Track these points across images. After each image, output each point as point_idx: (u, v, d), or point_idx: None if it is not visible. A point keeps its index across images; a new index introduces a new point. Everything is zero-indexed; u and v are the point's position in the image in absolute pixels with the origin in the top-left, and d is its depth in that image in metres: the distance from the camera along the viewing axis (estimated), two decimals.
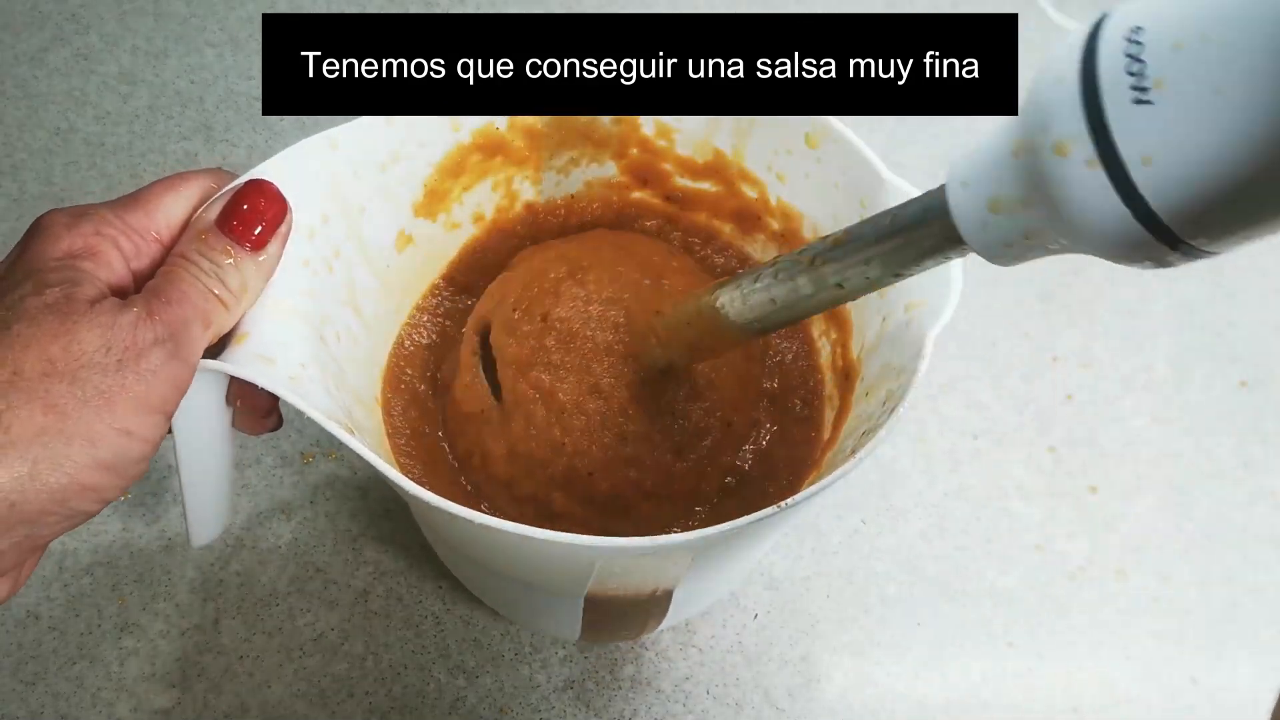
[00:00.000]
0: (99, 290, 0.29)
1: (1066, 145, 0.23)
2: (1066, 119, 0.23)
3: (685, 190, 0.45)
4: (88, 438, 0.27)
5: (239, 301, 0.32)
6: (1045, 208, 0.24)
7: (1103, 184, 0.22)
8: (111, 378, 0.28)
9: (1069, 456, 0.50)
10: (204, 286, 0.31)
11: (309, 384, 0.32)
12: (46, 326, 0.27)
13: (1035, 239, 0.26)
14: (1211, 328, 0.53)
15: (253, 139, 0.58)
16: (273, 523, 0.46)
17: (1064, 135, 0.23)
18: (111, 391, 0.28)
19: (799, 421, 0.41)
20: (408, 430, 0.40)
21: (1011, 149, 0.25)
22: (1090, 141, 0.22)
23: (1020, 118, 0.25)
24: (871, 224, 0.30)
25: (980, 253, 0.27)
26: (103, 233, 0.30)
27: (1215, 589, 0.46)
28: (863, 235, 0.30)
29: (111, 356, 0.28)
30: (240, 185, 0.33)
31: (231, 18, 0.63)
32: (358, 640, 0.43)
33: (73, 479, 0.27)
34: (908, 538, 0.47)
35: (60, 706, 0.41)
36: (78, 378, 0.27)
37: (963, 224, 0.27)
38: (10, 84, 0.59)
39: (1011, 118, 0.25)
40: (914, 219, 0.29)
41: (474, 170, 0.43)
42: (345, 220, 0.38)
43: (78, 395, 0.27)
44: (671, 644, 0.44)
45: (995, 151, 0.25)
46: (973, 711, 0.43)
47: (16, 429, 0.26)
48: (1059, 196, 0.23)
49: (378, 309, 0.41)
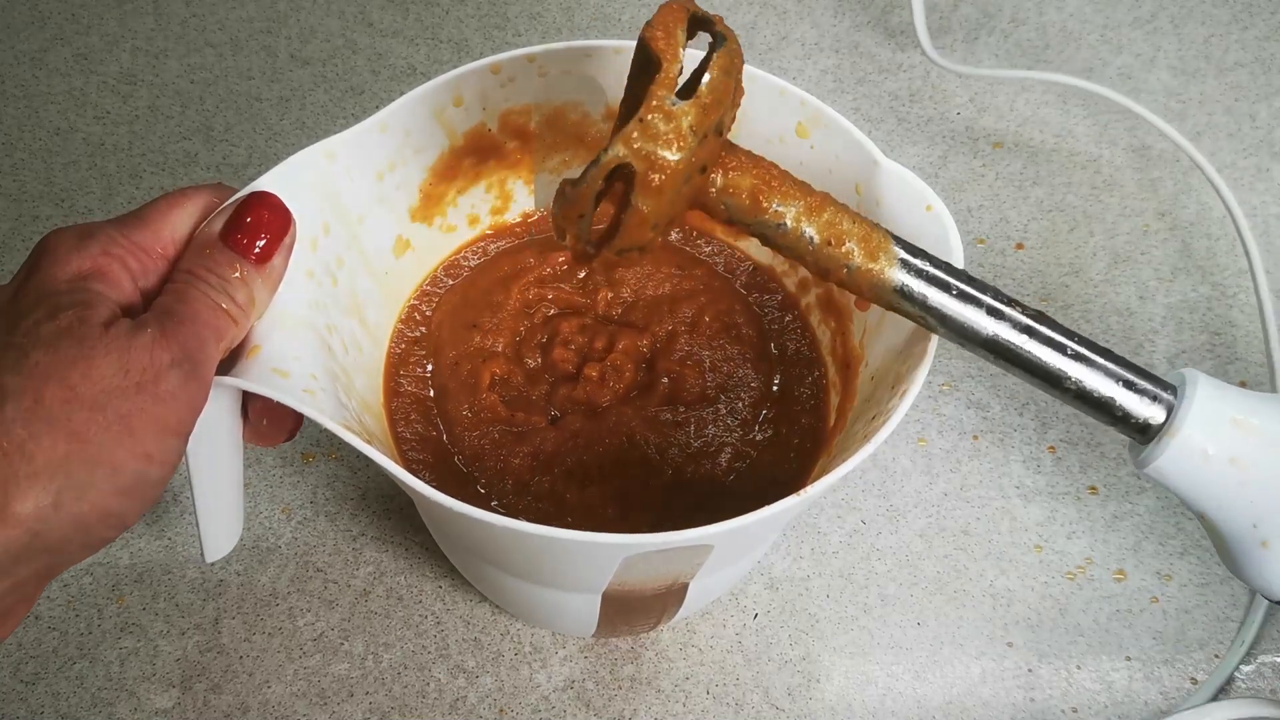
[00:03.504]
0: (111, 312, 0.29)
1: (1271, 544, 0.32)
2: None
3: None
4: (110, 464, 0.27)
5: (247, 316, 0.32)
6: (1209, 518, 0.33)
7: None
8: (131, 401, 0.27)
9: (1069, 456, 0.50)
10: (213, 302, 0.30)
11: (321, 395, 0.32)
12: (64, 353, 0.27)
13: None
14: (1211, 328, 0.53)
15: (253, 139, 0.58)
16: (273, 523, 0.46)
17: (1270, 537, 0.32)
18: (131, 416, 0.27)
19: (804, 410, 0.41)
20: (410, 434, 0.40)
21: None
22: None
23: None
24: (1102, 370, 0.33)
25: (1136, 461, 0.34)
26: (110, 252, 0.30)
27: (1215, 589, 0.46)
28: (1090, 360, 0.32)
29: (130, 379, 0.27)
30: (243, 198, 0.32)
31: (231, 18, 0.63)
32: (358, 640, 0.43)
33: (95, 506, 0.27)
34: (908, 538, 0.47)
35: (60, 706, 0.42)
36: (98, 404, 0.27)
37: (1159, 458, 0.32)
38: (10, 84, 0.59)
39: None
40: (1133, 415, 0.33)
41: (467, 174, 0.43)
42: (346, 229, 0.38)
43: (99, 421, 0.27)
44: (671, 644, 0.44)
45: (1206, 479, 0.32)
46: (973, 711, 0.43)
47: (41, 458, 0.26)
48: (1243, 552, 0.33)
49: (379, 315, 0.41)
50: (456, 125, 0.41)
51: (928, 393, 0.51)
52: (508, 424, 0.40)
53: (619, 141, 0.29)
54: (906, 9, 0.65)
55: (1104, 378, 0.32)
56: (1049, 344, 0.32)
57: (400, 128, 0.39)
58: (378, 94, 0.60)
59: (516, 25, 0.63)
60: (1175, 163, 0.59)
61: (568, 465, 0.39)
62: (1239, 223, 0.53)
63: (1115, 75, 0.63)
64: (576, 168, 0.45)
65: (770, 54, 0.63)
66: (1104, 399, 0.32)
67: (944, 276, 0.32)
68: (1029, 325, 0.32)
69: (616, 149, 0.29)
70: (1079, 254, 0.56)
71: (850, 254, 0.32)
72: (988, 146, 0.59)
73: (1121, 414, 0.32)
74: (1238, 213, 0.54)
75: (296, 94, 0.59)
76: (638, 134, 0.29)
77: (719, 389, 0.41)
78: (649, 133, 0.29)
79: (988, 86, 0.62)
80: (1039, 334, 0.32)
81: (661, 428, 0.40)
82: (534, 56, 0.40)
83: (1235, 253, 0.56)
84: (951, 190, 0.58)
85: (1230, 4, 0.66)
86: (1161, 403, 0.32)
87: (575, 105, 0.43)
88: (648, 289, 0.44)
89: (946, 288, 0.32)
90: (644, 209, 0.30)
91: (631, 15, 0.64)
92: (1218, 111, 0.61)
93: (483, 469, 0.39)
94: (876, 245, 0.32)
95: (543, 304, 0.43)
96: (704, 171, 0.31)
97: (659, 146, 0.29)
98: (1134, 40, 0.64)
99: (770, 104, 0.40)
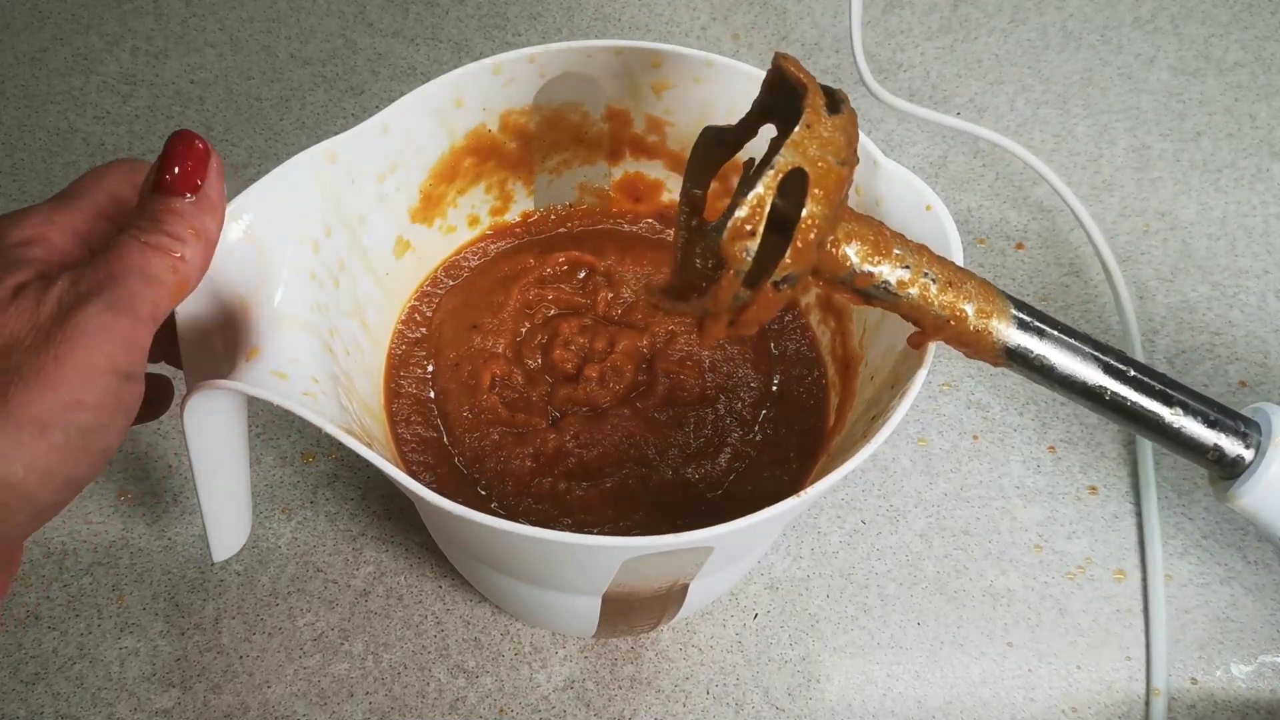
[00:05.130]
0: (34, 273, 0.28)
1: None
2: None
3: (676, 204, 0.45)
4: (35, 421, 0.26)
5: (191, 245, 0.30)
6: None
7: None
8: (43, 353, 0.26)
9: (1069, 456, 0.50)
10: (140, 243, 0.29)
11: (322, 398, 0.32)
12: None
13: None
14: (1211, 328, 0.53)
15: (253, 139, 0.58)
16: (273, 523, 0.46)
17: None
18: (45, 367, 0.26)
19: (804, 410, 0.41)
20: (410, 435, 0.40)
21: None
22: None
23: None
24: (1190, 409, 0.33)
25: (1219, 494, 0.35)
26: (53, 220, 0.29)
27: (1215, 589, 0.46)
28: (1186, 404, 0.33)
29: (41, 331, 0.26)
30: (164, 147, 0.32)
31: (231, 18, 0.63)
32: (358, 640, 0.43)
33: (31, 469, 0.26)
34: (907, 538, 0.47)
35: (60, 706, 0.42)
36: (8, 364, 0.26)
37: (1247, 495, 0.33)
38: (10, 84, 0.59)
39: None
40: (1212, 450, 0.34)
41: (467, 174, 0.43)
42: (347, 231, 0.38)
43: (14, 381, 0.25)
44: (671, 644, 0.44)
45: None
46: (973, 711, 0.43)
47: None
48: None
49: (380, 317, 0.41)
50: (457, 126, 0.41)
51: (928, 393, 0.51)
52: (508, 425, 0.40)
53: (788, 148, 0.29)
54: (907, 9, 0.65)
55: (1203, 425, 0.33)
56: (1153, 394, 0.33)
57: (401, 128, 0.39)
58: (378, 94, 0.60)
59: (516, 25, 0.63)
60: (1176, 163, 0.59)
61: (568, 466, 0.39)
62: (1093, 236, 0.54)
63: (1115, 75, 0.63)
64: (577, 167, 0.45)
65: (770, 54, 0.63)
66: (1205, 445, 0.33)
67: (1055, 333, 0.33)
68: (1136, 378, 0.33)
69: (787, 154, 0.29)
70: (1079, 254, 0.56)
71: (965, 313, 0.32)
72: (988, 146, 0.59)
73: (1216, 456, 0.33)
74: (1090, 226, 0.55)
75: (296, 94, 0.59)
76: (807, 140, 0.29)
77: (719, 389, 0.41)
78: (816, 138, 0.29)
79: (988, 86, 0.62)
80: (1146, 385, 0.33)
81: (661, 428, 0.40)
82: (534, 56, 0.40)
83: (1235, 252, 0.56)
84: (951, 190, 0.58)
85: (1230, 4, 0.66)
86: (1250, 441, 0.33)
87: (575, 106, 0.43)
88: None
89: (1059, 344, 0.33)
90: (817, 213, 0.29)
91: (631, 15, 0.64)
92: (1218, 111, 0.61)
93: (483, 470, 0.39)
94: (992, 303, 0.33)
95: (543, 304, 0.43)
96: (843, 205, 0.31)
97: (826, 152, 0.29)
98: (1134, 40, 0.64)
99: None
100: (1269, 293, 0.55)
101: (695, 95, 0.41)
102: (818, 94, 0.30)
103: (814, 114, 0.29)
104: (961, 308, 0.32)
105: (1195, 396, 0.34)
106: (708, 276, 0.33)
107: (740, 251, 0.29)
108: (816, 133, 0.29)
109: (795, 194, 0.29)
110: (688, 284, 0.34)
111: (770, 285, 0.30)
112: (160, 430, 0.48)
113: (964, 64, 0.63)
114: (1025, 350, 0.33)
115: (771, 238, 0.29)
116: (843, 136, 0.30)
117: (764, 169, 0.29)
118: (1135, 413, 0.33)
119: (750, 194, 0.28)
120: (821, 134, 0.29)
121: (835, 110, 0.30)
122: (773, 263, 0.29)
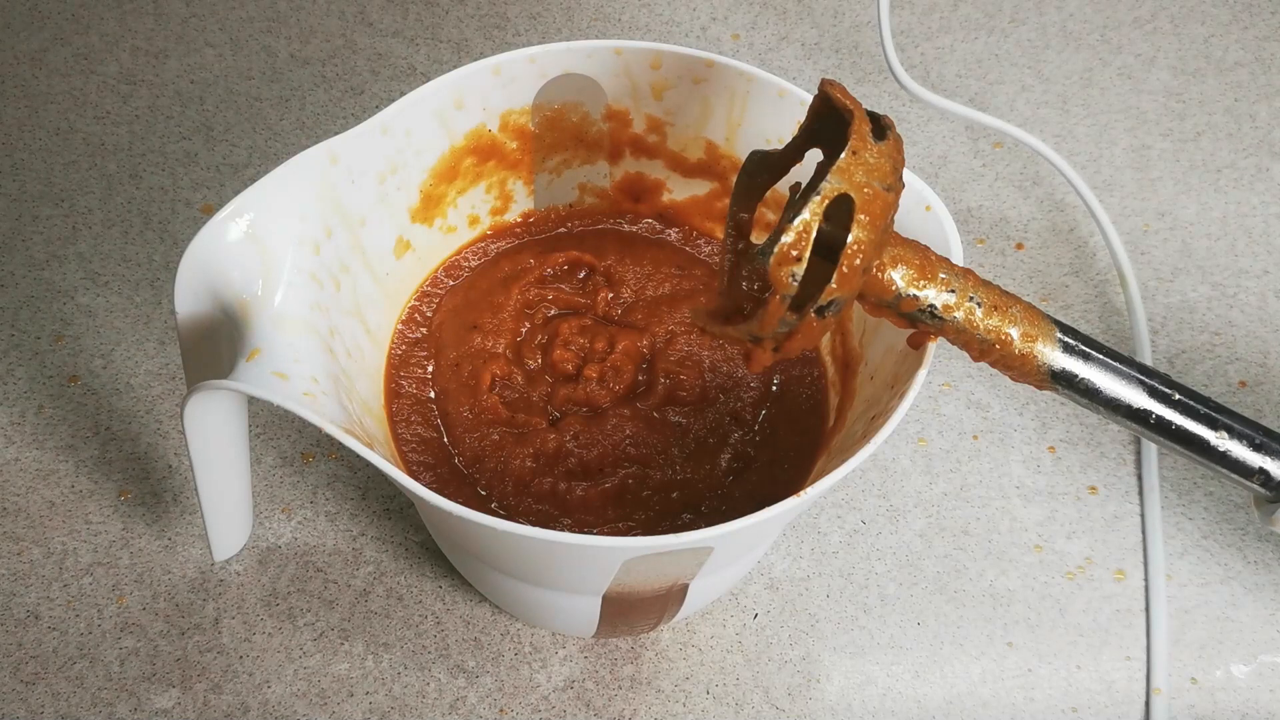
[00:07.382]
0: None
1: None
2: None
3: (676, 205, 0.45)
4: None
5: None
6: None
7: None
8: None
9: (1069, 456, 0.50)
10: None
11: (323, 398, 0.32)
12: None
13: None
14: (1211, 328, 0.53)
15: (253, 139, 0.58)
16: (273, 523, 0.46)
17: None
18: None
19: (804, 410, 0.41)
20: (410, 435, 0.40)
21: None
22: None
23: None
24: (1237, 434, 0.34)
25: (1265, 517, 0.35)
26: None
27: (1215, 589, 0.46)
28: (1231, 428, 0.34)
29: None
30: None
31: (231, 18, 0.63)
32: (358, 640, 0.43)
33: None
34: (908, 538, 0.47)
35: (60, 706, 0.42)
36: None
37: None
38: (10, 84, 0.59)
39: None
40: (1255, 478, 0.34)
41: (467, 174, 0.43)
42: (348, 232, 0.38)
43: None
44: (671, 644, 0.44)
45: None
46: (972, 711, 0.43)
47: None
48: None
49: (380, 317, 0.41)
50: (457, 126, 0.41)
51: (928, 393, 0.51)
52: (508, 425, 0.40)
53: (834, 174, 0.29)
54: (907, 9, 0.65)
55: (1248, 448, 0.33)
56: (1199, 418, 0.33)
57: (401, 129, 0.39)
58: (378, 94, 0.60)
59: (516, 25, 0.63)
60: (1176, 163, 0.59)
61: (568, 466, 0.39)
62: (1105, 229, 0.54)
63: (1115, 75, 0.63)
64: (577, 167, 0.45)
65: (770, 54, 0.63)
66: (1251, 468, 0.34)
67: (1100, 356, 0.33)
68: (1181, 401, 0.33)
69: (833, 181, 0.29)
70: (1079, 254, 0.56)
71: (1010, 337, 0.32)
72: (988, 146, 0.59)
73: (1263, 479, 0.34)
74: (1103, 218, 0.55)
75: (296, 94, 0.59)
76: (853, 166, 0.29)
77: (719, 389, 0.41)
78: (862, 164, 0.29)
79: (988, 86, 0.62)
80: (1191, 409, 0.33)
81: (661, 428, 0.40)
82: (534, 57, 0.40)
83: (1235, 252, 0.56)
84: (951, 190, 0.58)
85: (1230, 4, 0.66)
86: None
87: (575, 106, 0.43)
88: (647, 289, 0.44)
89: (1104, 367, 0.33)
90: (863, 239, 0.29)
91: (632, 15, 0.64)
92: (1218, 111, 0.61)
93: (483, 470, 0.39)
94: (1037, 326, 0.33)
95: (543, 304, 0.43)
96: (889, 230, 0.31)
97: (872, 178, 0.29)
98: (1134, 40, 0.64)
99: (770, 105, 0.40)
100: (1269, 293, 0.55)
101: (695, 95, 0.42)
102: (864, 120, 0.30)
103: (860, 140, 0.29)
104: (1007, 331, 0.32)
105: (1241, 420, 0.34)
106: (754, 299, 0.33)
107: (787, 276, 0.29)
108: (862, 159, 0.29)
109: (841, 219, 0.29)
110: (733, 306, 0.34)
111: (814, 311, 0.30)
112: (160, 430, 0.48)
113: (963, 64, 0.63)
114: (1071, 373, 0.33)
115: (817, 262, 0.29)
116: (888, 163, 0.30)
117: (810, 195, 0.29)
118: (1181, 435, 0.33)
119: (797, 220, 0.29)
120: (867, 160, 0.29)
121: (881, 136, 0.30)
122: (819, 287, 0.30)
